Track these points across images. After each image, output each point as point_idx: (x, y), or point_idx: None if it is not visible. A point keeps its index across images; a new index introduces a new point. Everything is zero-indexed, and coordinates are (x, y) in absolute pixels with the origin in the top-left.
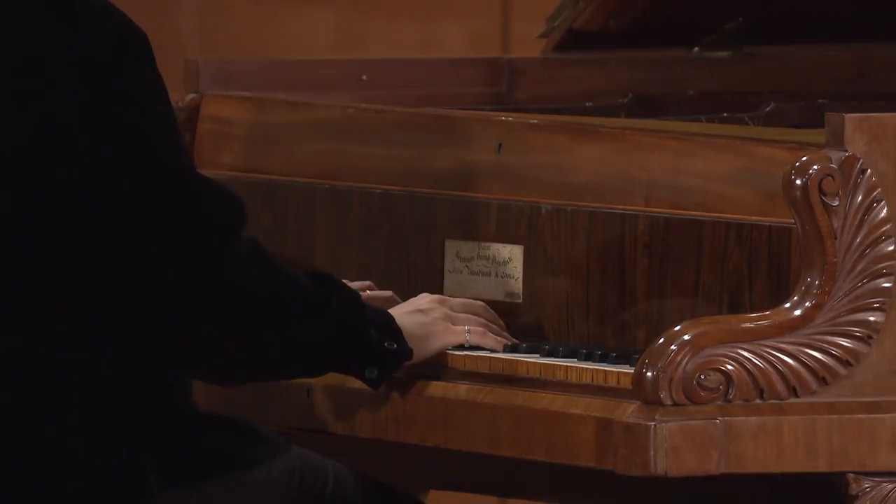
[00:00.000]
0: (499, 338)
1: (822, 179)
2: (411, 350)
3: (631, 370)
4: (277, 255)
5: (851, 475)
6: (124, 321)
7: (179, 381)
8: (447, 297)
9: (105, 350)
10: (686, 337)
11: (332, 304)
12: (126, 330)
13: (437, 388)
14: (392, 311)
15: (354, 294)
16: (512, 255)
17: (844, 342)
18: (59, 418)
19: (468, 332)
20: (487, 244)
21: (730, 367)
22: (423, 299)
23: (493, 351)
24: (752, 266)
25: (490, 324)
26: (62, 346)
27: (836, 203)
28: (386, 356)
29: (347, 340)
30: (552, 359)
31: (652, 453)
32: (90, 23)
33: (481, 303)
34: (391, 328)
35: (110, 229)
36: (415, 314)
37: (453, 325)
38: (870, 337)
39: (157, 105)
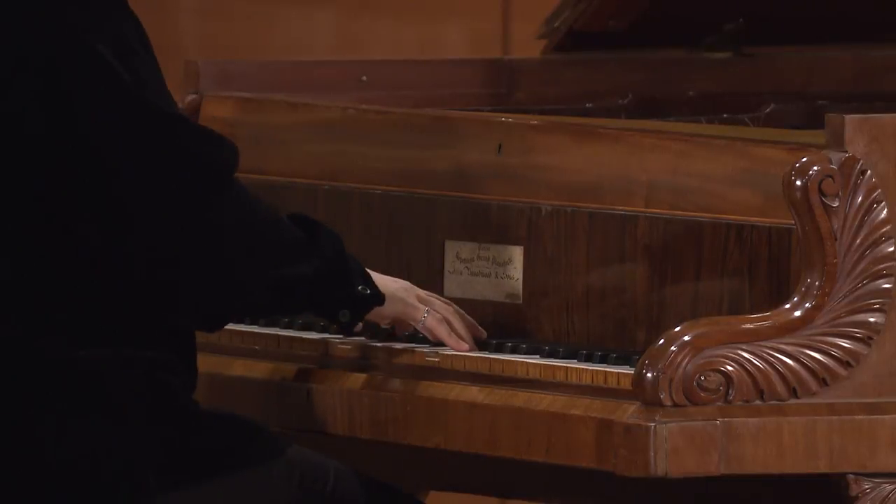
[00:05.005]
0: (456, 335)
1: (822, 180)
2: (383, 296)
3: (631, 371)
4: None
5: (851, 476)
6: (116, 272)
7: (179, 379)
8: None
9: (106, 349)
10: (686, 338)
11: (315, 247)
12: (117, 278)
13: (437, 389)
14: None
15: (336, 238)
16: (512, 255)
17: (844, 343)
18: (58, 418)
19: (427, 314)
20: (487, 245)
21: (730, 368)
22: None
23: (490, 347)
24: (752, 267)
25: (456, 320)
26: (62, 343)
27: (836, 204)
28: (360, 300)
29: (328, 282)
30: (552, 360)
31: (652, 454)
32: None
33: (454, 306)
34: (363, 274)
35: (96, 184)
36: (384, 277)
37: (416, 301)
38: (870, 338)
39: (141, 51)
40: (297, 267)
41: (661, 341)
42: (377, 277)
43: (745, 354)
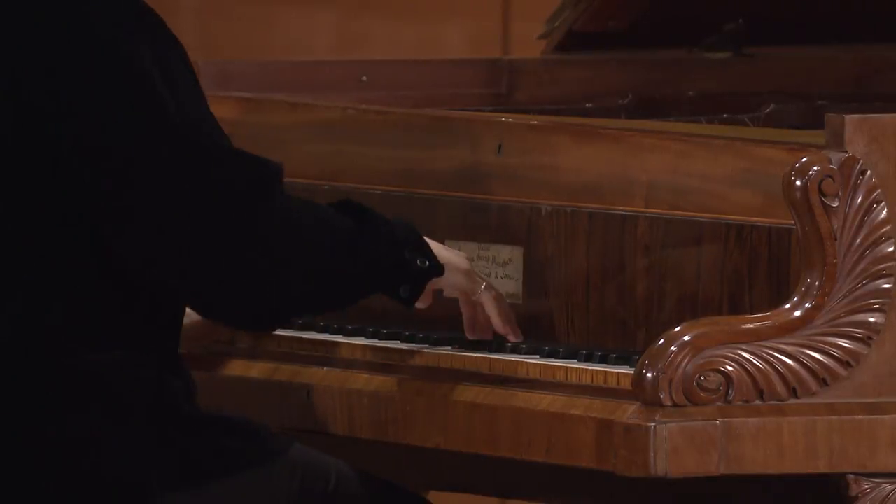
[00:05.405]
0: (506, 318)
1: (822, 180)
2: (442, 266)
3: (631, 371)
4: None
5: (851, 476)
6: (137, 321)
7: (181, 381)
8: None
9: (110, 351)
10: (686, 338)
11: (365, 235)
12: (137, 329)
13: (437, 389)
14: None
15: (382, 219)
16: (512, 256)
17: (844, 343)
18: (61, 419)
19: (484, 287)
20: (487, 245)
21: (730, 368)
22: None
23: (490, 347)
24: (752, 267)
25: (508, 308)
26: (66, 345)
27: (836, 204)
28: (419, 275)
29: (384, 267)
30: (552, 360)
31: (652, 454)
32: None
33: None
34: (420, 245)
35: (125, 202)
36: (443, 248)
37: (475, 275)
38: (870, 338)
39: (185, 75)
40: (351, 267)
41: (661, 341)
42: (437, 248)
43: (745, 354)
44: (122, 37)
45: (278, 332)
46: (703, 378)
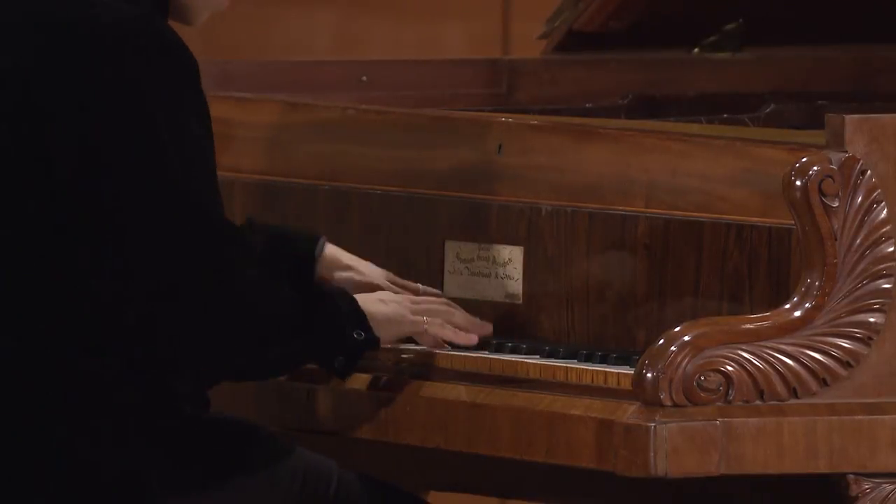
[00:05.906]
0: (459, 331)
1: (822, 180)
2: (378, 339)
3: (631, 371)
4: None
5: (851, 476)
6: (130, 333)
7: (183, 385)
8: (409, 295)
9: (110, 358)
10: (686, 338)
11: (307, 311)
12: (131, 340)
13: (437, 389)
14: (357, 297)
15: (323, 293)
16: (512, 256)
17: (844, 343)
18: (62, 424)
19: (427, 324)
20: (487, 245)
21: (730, 368)
22: (386, 293)
23: (490, 347)
24: (752, 267)
25: (454, 316)
26: (67, 353)
27: (836, 204)
28: (355, 347)
29: (325, 341)
30: (552, 360)
31: (652, 454)
32: (136, 42)
33: (444, 299)
34: (359, 317)
35: (126, 250)
36: (378, 303)
37: (413, 315)
38: (870, 338)
39: (190, 135)
40: (299, 338)
41: (661, 341)
42: (369, 303)
43: (745, 354)
44: (139, 79)
45: None
46: (703, 378)
